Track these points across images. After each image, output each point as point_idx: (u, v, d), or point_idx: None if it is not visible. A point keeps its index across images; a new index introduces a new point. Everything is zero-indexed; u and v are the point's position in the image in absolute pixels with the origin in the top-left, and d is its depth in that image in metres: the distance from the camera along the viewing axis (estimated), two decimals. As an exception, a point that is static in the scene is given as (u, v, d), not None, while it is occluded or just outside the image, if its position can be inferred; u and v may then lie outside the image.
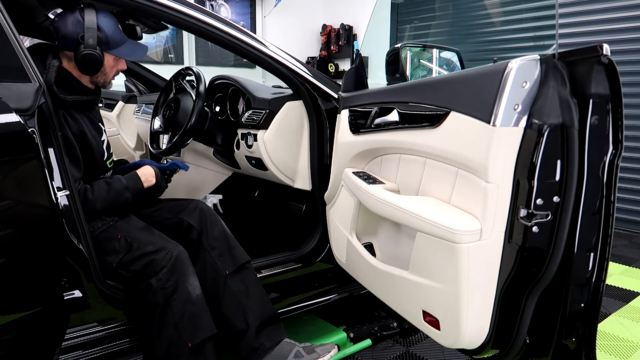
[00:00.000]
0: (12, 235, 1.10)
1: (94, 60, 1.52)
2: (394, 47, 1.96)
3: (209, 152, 2.37)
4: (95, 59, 1.52)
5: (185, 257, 1.51)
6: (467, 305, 1.22)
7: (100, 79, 1.61)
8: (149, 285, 1.43)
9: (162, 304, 1.43)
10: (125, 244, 1.51)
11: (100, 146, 1.64)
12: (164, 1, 1.52)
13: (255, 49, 1.72)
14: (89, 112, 1.63)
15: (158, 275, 1.44)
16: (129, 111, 3.16)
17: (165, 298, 1.43)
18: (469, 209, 1.22)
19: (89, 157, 1.57)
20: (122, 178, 1.63)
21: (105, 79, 1.62)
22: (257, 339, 1.58)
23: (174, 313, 1.43)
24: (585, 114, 1.10)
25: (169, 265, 1.45)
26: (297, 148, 1.96)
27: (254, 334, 1.58)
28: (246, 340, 1.58)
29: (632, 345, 2.17)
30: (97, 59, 1.52)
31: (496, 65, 1.15)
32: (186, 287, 1.46)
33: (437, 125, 1.28)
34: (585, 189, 1.12)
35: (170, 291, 1.44)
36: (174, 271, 1.46)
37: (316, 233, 1.96)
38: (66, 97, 1.50)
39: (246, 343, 1.58)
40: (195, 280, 1.50)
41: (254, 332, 1.58)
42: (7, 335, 1.09)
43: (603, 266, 1.15)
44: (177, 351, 1.42)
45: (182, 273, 1.47)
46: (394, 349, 2.06)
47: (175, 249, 1.50)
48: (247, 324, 1.58)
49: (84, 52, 1.49)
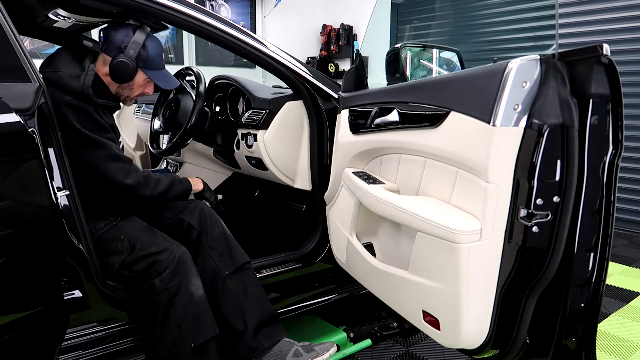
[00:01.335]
0: (12, 235, 1.10)
1: (126, 69, 1.57)
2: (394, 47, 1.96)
3: (209, 152, 2.37)
4: (127, 69, 1.57)
5: (188, 258, 1.52)
6: (467, 305, 1.22)
7: (125, 92, 1.65)
8: (152, 286, 1.44)
9: (165, 305, 1.43)
10: (128, 245, 1.51)
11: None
12: (164, 1, 1.52)
13: (255, 49, 1.72)
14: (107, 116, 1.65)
15: (161, 275, 1.44)
16: (129, 111, 3.16)
17: (168, 298, 1.44)
18: (469, 209, 1.22)
19: None
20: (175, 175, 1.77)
21: (129, 94, 1.67)
22: (256, 339, 1.58)
23: (177, 314, 1.43)
24: (585, 114, 1.10)
25: (172, 266, 1.46)
26: (297, 148, 1.96)
27: (252, 334, 1.58)
28: (244, 340, 1.58)
29: (632, 345, 2.17)
30: (130, 69, 1.57)
31: (496, 65, 1.15)
32: (189, 287, 1.47)
33: (437, 125, 1.28)
34: (585, 189, 1.12)
35: (173, 292, 1.44)
36: (177, 272, 1.46)
37: (316, 233, 1.96)
38: (97, 100, 1.55)
39: (244, 343, 1.58)
40: (198, 281, 1.51)
41: (252, 333, 1.58)
42: (7, 335, 1.09)
43: (603, 266, 1.15)
44: (179, 352, 1.42)
45: (185, 274, 1.48)
46: (394, 349, 2.06)
47: (179, 250, 1.51)
48: (245, 324, 1.59)
49: (120, 59, 1.56)
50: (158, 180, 1.65)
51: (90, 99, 1.52)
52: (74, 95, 1.49)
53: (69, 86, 1.49)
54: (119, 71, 1.57)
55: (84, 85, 1.50)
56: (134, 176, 1.57)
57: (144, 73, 1.63)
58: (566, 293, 1.17)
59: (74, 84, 1.49)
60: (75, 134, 1.48)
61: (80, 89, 1.50)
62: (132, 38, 1.57)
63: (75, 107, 1.48)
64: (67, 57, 1.56)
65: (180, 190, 1.73)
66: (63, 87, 1.49)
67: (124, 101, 1.69)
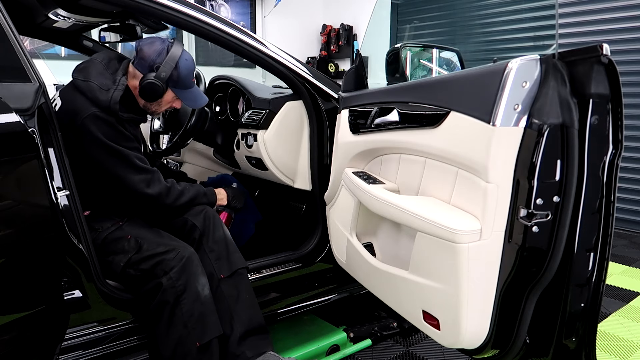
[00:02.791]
0: (13, 235, 1.10)
1: (155, 91, 1.58)
2: (394, 47, 1.96)
3: (209, 152, 2.37)
4: (157, 90, 1.58)
5: (196, 258, 1.52)
6: (467, 305, 1.22)
7: (153, 107, 1.66)
8: (159, 284, 1.44)
9: (172, 303, 1.44)
10: (135, 244, 1.52)
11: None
12: (164, 1, 1.52)
13: (255, 49, 1.72)
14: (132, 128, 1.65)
15: (168, 274, 1.45)
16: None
17: (175, 297, 1.44)
18: (469, 208, 1.22)
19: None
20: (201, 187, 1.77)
21: (157, 109, 1.68)
22: (239, 347, 1.54)
23: (183, 312, 1.44)
24: (585, 114, 1.10)
25: (179, 265, 1.47)
26: (297, 148, 1.96)
27: (237, 340, 1.55)
28: (228, 346, 1.55)
29: (632, 345, 2.17)
30: (159, 91, 1.58)
31: (496, 65, 1.15)
32: (195, 286, 1.47)
33: (437, 125, 1.28)
34: (585, 188, 1.12)
35: (180, 290, 1.45)
36: (184, 271, 1.47)
37: (316, 233, 1.96)
38: (124, 115, 1.55)
39: (227, 349, 1.55)
40: (205, 280, 1.51)
41: (237, 338, 1.55)
42: (7, 335, 1.09)
43: (603, 266, 1.15)
44: (185, 350, 1.42)
45: (192, 273, 1.48)
46: (394, 349, 2.06)
47: (186, 250, 1.52)
48: (231, 329, 1.56)
49: (150, 80, 1.56)
50: (181, 191, 1.66)
51: (117, 113, 1.52)
52: (100, 107, 1.50)
53: (97, 99, 1.49)
54: (149, 92, 1.58)
55: (111, 100, 1.50)
56: (156, 186, 1.59)
57: (173, 92, 1.64)
58: (566, 293, 1.17)
59: (103, 97, 1.50)
60: (99, 144, 1.50)
61: (107, 102, 1.50)
62: (165, 59, 1.56)
63: (100, 119, 1.49)
64: (100, 66, 1.56)
65: (203, 203, 1.73)
66: (92, 99, 1.50)
67: (150, 114, 1.71)
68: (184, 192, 1.67)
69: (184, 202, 1.66)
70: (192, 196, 1.69)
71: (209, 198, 1.76)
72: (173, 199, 1.63)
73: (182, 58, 1.60)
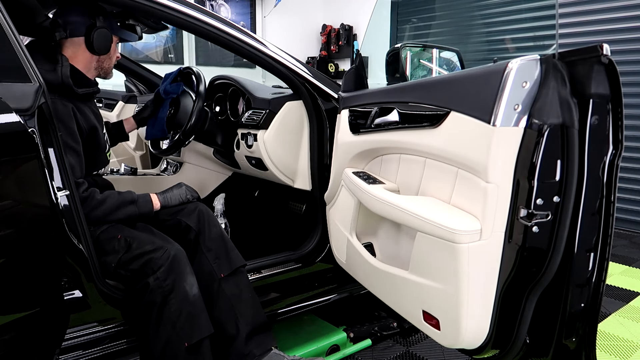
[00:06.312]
0: (12, 235, 1.10)
1: (107, 38, 1.59)
2: (394, 47, 1.96)
3: (209, 152, 2.37)
4: (108, 37, 1.59)
5: (183, 256, 1.51)
6: (467, 305, 1.22)
7: (106, 63, 1.67)
8: (147, 284, 1.43)
9: (160, 303, 1.43)
10: (124, 244, 1.51)
11: (104, 139, 1.69)
12: (164, 1, 1.52)
13: (255, 49, 1.72)
14: (91, 104, 1.66)
15: (155, 274, 1.44)
16: (129, 111, 3.16)
17: (162, 297, 1.43)
18: (469, 209, 1.22)
19: (95, 152, 1.62)
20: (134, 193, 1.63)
21: (109, 65, 1.69)
22: (247, 346, 1.55)
23: (171, 312, 1.42)
24: (585, 114, 1.10)
25: (166, 264, 1.45)
26: (297, 148, 1.96)
27: (244, 340, 1.56)
28: (236, 345, 1.56)
29: (632, 345, 2.17)
30: (109, 37, 1.60)
31: (496, 65, 1.15)
32: (183, 286, 1.46)
33: (437, 125, 1.28)
34: (585, 189, 1.12)
35: (168, 290, 1.43)
36: (172, 270, 1.45)
37: (316, 233, 1.96)
38: (78, 90, 1.54)
39: (236, 348, 1.56)
40: (193, 279, 1.50)
41: (244, 338, 1.56)
42: (7, 335, 1.09)
43: (603, 266, 1.15)
44: (174, 351, 1.41)
45: (179, 272, 1.47)
46: (394, 349, 2.06)
47: (173, 248, 1.50)
48: (237, 329, 1.56)
49: (99, 29, 1.57)
50: (101, 201, 1.52)
51: (72, 89, 1.50)
52: (54, 89, 1.45)
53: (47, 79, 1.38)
54: (102, 42, 1.58)
55: (62, 76, 1.48)
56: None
57: (115, 37, 1.65)
58: (566, 293, 1.17)
59: (52, 77, 1.46)
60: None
61: (59, 80, 1.48)
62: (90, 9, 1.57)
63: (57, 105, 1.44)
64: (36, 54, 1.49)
65: (131, 212, 1.58)
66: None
67: (105, 76, 1.70)
68: (104, 202, 1.52)
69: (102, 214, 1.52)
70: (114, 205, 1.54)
71: (139, 208, 1.60)
72: (89, 209, 1.48)
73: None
